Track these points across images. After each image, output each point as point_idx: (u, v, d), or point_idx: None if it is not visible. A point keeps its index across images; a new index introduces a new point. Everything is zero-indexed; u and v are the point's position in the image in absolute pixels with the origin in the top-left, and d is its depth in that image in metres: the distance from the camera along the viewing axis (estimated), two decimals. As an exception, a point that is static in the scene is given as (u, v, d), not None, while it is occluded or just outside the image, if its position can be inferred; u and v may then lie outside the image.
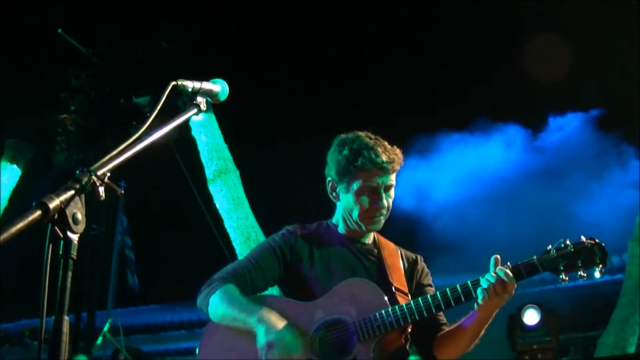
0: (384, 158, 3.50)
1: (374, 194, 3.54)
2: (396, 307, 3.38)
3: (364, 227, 3.63)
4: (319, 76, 11.32)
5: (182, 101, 8.86)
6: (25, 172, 12.20)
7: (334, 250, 3.66)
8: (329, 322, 3.43)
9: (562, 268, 3.34)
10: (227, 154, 10.16)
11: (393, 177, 3.59)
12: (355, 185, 3.53)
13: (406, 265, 3.76)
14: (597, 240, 3.38)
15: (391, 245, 3.82)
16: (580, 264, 3.33)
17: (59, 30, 10.53)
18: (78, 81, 11.44)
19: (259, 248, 3.72)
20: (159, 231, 13.17)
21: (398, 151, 3.61)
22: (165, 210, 12.91)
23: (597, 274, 3.35)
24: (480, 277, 3.35)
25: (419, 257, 3.87)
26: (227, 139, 10.21)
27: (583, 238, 3.39)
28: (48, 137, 11.85)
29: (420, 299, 3.38)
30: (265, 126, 12.44)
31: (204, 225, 10.51)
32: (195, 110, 2.67)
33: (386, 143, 3.61)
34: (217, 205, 9.96)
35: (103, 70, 11.45)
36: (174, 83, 2.57)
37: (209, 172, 10.09)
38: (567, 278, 3.36)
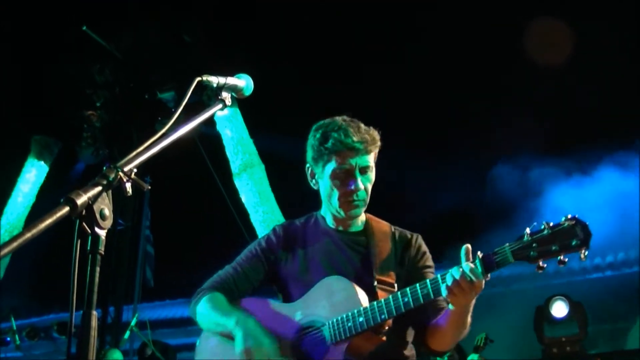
0: (355, 138, 3.35)
1: (348, 176, 3.38)
2: (368, 306, 3.21)
3: (343, 214, 3.47)
4: (347, 65, 11.20)
5: (207, 96, 8.90)
6: (52, 168, 12.28)
7: (318, 245, 3.54)
8: (306, 324, 3.37)
9: (535, 255, 2.87)
10: (253, 148, 10.20)
11: (369, 158, 3.41)
12: (328, 168, 3.41)
13: (398, 248, 3.53)
14: (578, 218, 2.87)
15: (385, 227, 3.60)
16: (556, 249, 2.85)
17: (84, 28, 10.59)
18: (102, 77, 11.50)
19: (244, 253, 3.67)
20: (185, 225, 13.20)
21: (373, 132, 3.45)
22: (191, 204, 12.94)
23: (581, 257, 2.84)
24: (448, 272, 3.04)
25: (414, 237, 3.60)
26: (252, 133, 10.24)
27: (565, 217, 2.90)
28: (74, 133, 11.93)
29: (391, 296, 3.18)
30: (289, 120, 12.41)
31: (229, 219, 10.53)
32: (220, 106, 2.68)
33: (362, 124, 3.45)
34: (243, 199, 10.00)
35: (126, 66, 11.51)
36: (198, 79, 2.57)
37: (234, 166, 10.14)
38: (544, 265, 2.88)
